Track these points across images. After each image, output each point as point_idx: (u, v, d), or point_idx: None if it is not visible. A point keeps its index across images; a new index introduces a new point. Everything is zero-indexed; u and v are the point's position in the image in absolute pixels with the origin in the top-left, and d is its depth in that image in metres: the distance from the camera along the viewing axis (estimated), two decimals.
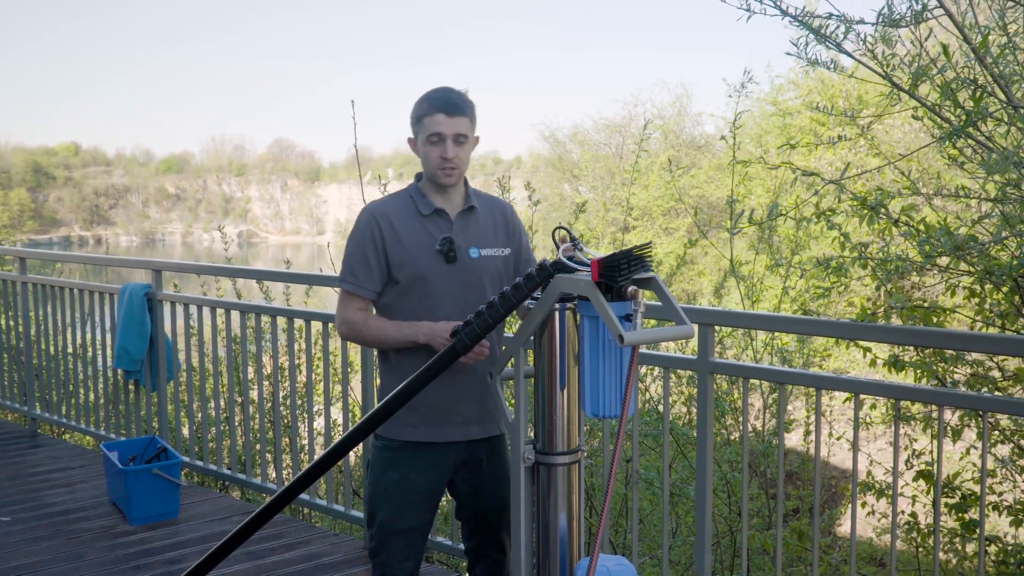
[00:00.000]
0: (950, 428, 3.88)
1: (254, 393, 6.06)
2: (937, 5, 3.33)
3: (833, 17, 3.42)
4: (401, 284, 2.56)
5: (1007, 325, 3.96)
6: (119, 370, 5.17)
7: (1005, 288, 3.78)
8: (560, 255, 2.16)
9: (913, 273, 4.04)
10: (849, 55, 3.58)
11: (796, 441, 8.12)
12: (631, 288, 2.00)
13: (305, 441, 4.49)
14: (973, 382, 4.01)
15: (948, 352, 3.85)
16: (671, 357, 3.36)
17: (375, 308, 2.66)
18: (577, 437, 2.25)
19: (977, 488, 3.80)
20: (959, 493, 3.77)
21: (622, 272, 1.99)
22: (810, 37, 3.50)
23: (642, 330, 1.96)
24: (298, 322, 4.49)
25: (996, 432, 4.27)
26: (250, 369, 5.12)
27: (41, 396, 6.01)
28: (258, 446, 6.12)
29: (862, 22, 3.43)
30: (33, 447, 5.65)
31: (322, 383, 5.60)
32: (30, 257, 6.29)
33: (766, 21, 3.72)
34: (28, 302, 5.94)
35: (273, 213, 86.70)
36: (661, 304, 2.11)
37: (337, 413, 5.98)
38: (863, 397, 2.94)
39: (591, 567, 2.03)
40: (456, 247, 2.54)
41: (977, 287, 3.85)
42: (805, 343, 7.52)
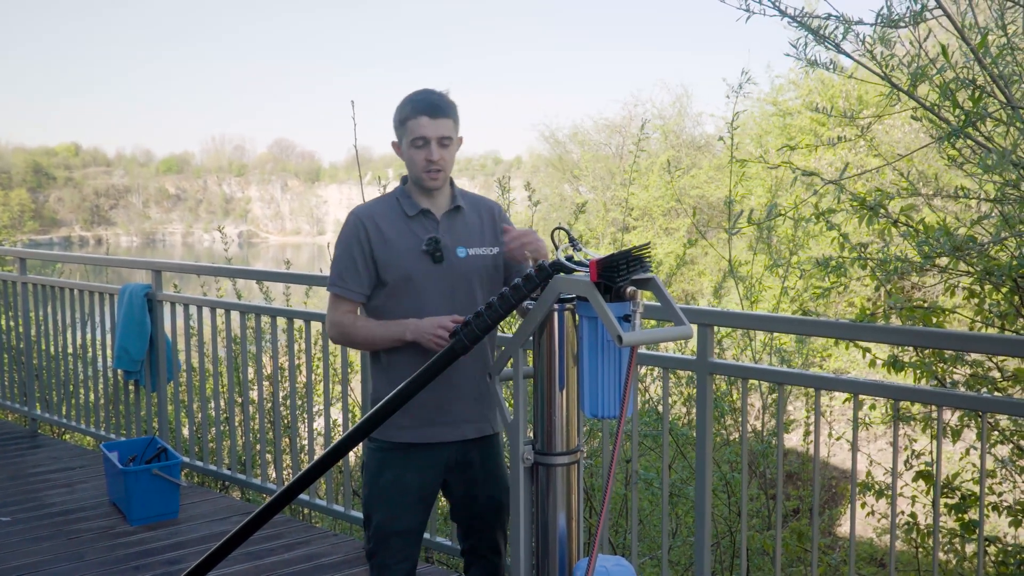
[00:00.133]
0: (950, 428, 3.87)
1: (254, 393, 6.06)
2: (936, 5, 3.33)
3: (832, 18, 3.42)
4: (389, 285, 2.56)
5: (1006, 325, 3.95)
6: (119, 370, 5.17)
7: (1004, 288, 3.78)
8: (559, 255, 2.17)
9: (912, 273, 4.04)
10: (848, 56, 3.57)
11: (796, 441, 8.11)
12: (630, 288, 2.01)
13: (305, 441, 4.50)
14: (972, 382, 4.01)
15: (948, 352, 3.85)
16: (670, 357, 3.36)
17: (365, 311, 2.65)
18: (576, 437, 2.26)
19: (977, 488, 3.80)
20: (959, 493, 3.77)
21: (621, 273, 2.00)
22: (809, 38, 3.50)
23: (641, 331, 1.97)
24: (298, 322, 4.49)
25: (995, 432, 4.27)
26: (250, 369, 5.12)
27: (41, 396, 6.01)
28: (258, 446, 6.12)
29: (861, 23, 3.42)
30: (33, 447, 5.66)
31: (322, 383, 5.61)
32: (30, 257, 6.30)
33: (766, 21, 3.71)
34: (28, 302, 5.94)
35: (273, 213, 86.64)
36: (660, 304, 2.11)
37: (337, 413, 5.98)
38: (862, 397, 2.94)
39: (590, 567, 2.03)
40: (443, 247, 2.54)
41: (976, 287, 3.85)
42: (804, 343, 7.52)
